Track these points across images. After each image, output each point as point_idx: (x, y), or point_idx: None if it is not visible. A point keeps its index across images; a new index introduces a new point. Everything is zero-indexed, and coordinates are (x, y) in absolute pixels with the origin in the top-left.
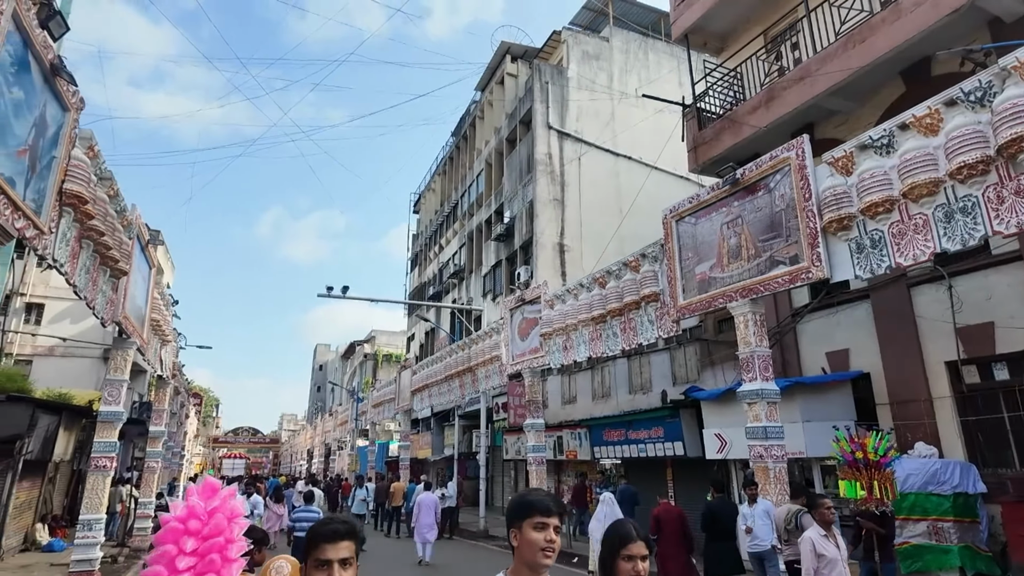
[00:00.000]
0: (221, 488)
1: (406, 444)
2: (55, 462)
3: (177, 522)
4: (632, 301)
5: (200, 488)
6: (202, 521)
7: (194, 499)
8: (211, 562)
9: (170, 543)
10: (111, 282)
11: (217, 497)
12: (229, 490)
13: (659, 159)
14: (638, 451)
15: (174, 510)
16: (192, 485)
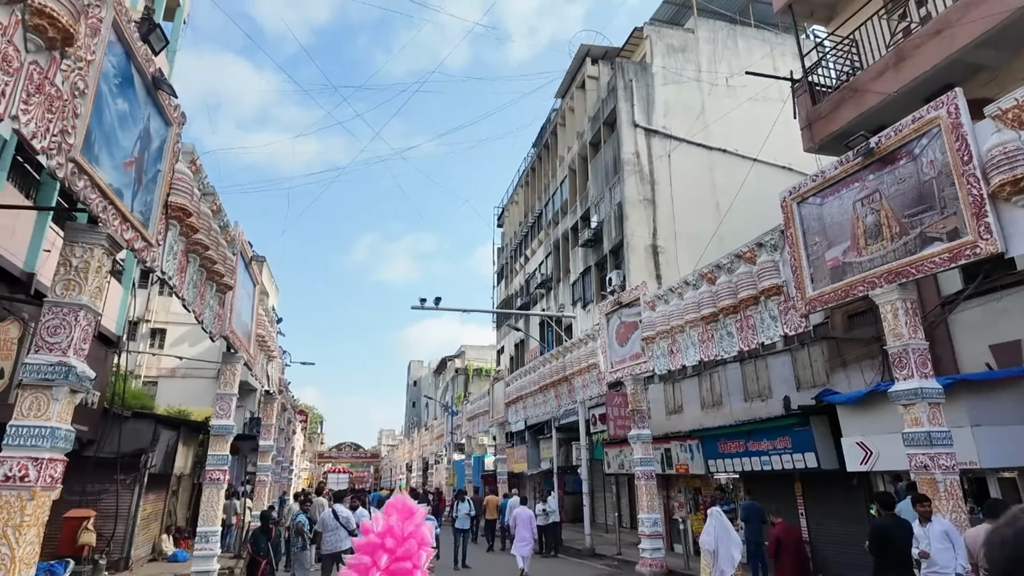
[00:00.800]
0: (416, 512)
1: (503, 457)
2: (177, 476)
3: (377, 537)
4: (749, 296)
5: (399, 507)
6: (397, 542)
7: (394, 519)
8: None
9: (367, 555)
10: (217, 297)
11: (412, 522)
12: (422, 514)
13: (760, 150)
14: (761, 464)
15: (375, 524)
16: (393, 499)
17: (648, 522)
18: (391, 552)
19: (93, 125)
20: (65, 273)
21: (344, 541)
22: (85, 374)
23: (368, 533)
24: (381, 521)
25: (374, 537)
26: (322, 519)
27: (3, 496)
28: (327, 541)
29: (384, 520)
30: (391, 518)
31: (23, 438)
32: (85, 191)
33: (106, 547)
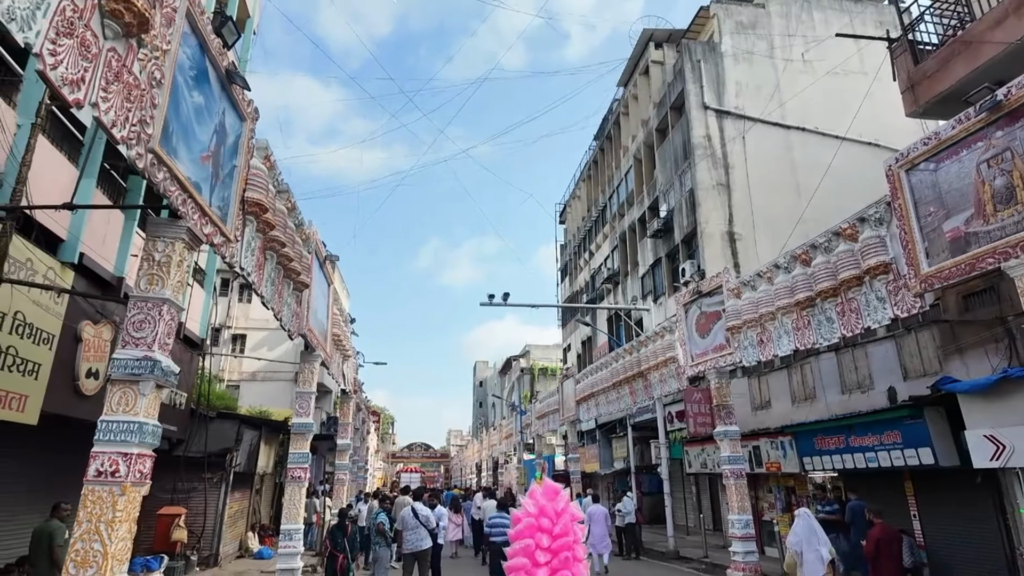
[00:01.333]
0: (561, 490)
1: (575, 457)
2: (260, 475)
3: (533, 519)
4: (851, 277)
5: (544, 490)
6: (552, 520)
7: (541, 499)
8: (566, 560)
9: (528, 538)
10: (295, 295)
11: (560, 500)
12: (565, 495)
13: (848, 127)
14: (865, 461)
15: (526, 507)
16: (534, 486)
17: (739, 523)
18: (548, 532)
19: (170, 116)
20: (148, 268)
21: (424, 540)
22: (170, 368)
23: (519, 520)
24: (531, 504)
25: (530, 519)
26: (402, 518)
27: (96, 492)
28: (407, 540)
29: (533, 502)
30: (538, 498)
31: (113, 433)
32: (165, 183)
33: (197, 543)
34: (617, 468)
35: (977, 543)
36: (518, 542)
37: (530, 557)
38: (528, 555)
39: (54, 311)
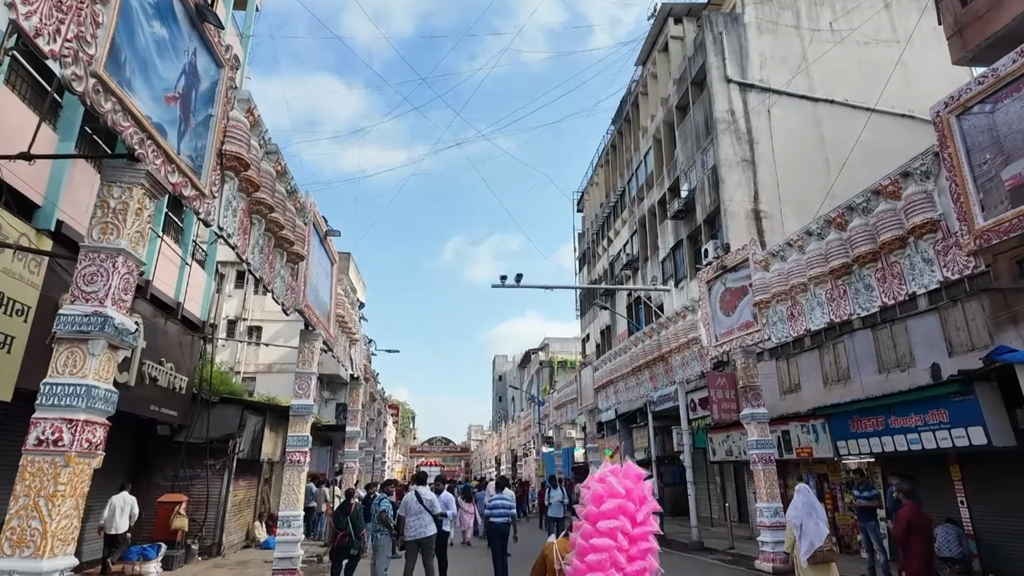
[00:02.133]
0: (643, 474)
1: (594, 446)
2: (268, 462)
3: (622, 500)
4: (893, 239)
5: (627, 472)
6: (636, 506)
7: (627, 481)
8: (645, 550)
9: (614, 519)
10: (288, 267)
11: (644, 486)
12: (648, 483)
13: (877, 99)
14: (907, 443)
15: (612, 486)
16: (607, 465)
17: (768, 512)
18: (633, 518)
19: (122, 43)
20: (102, 215)
21: (428, 526)
22: (124, 327)
23: (601, 499)
24: (617, 483)
25: (619, 500)
26: (404, 502)
27: (36, 463)
28: (410, 526)
29: (618, 482)
30: (620, 479)
31: (57, 397)
32: (115, 116)
33: (199, 532)
34: (638, 459)
35: None
36: (604, 522)
37: (615, 540)
38: (613, 538)
39: (30, 281)
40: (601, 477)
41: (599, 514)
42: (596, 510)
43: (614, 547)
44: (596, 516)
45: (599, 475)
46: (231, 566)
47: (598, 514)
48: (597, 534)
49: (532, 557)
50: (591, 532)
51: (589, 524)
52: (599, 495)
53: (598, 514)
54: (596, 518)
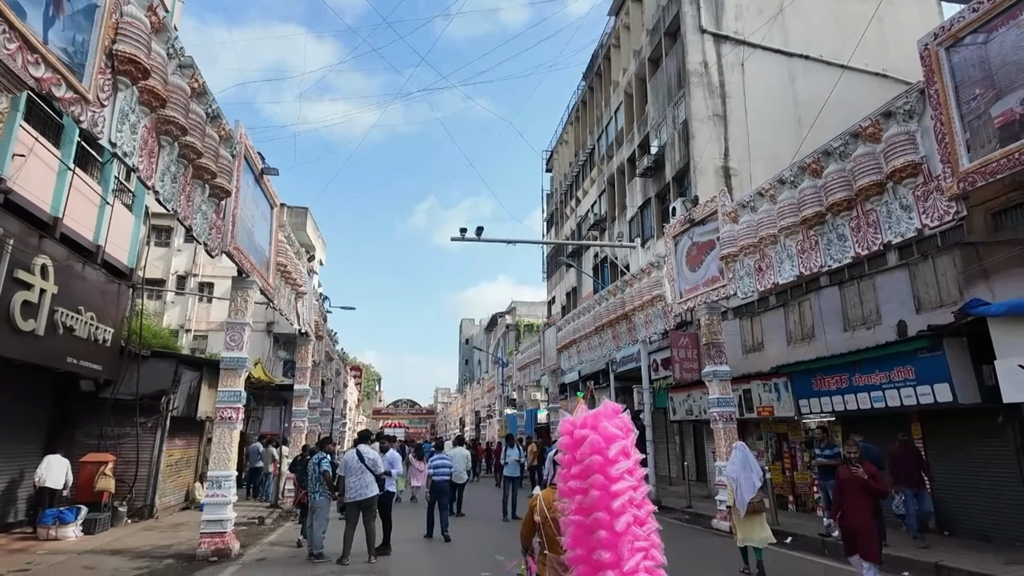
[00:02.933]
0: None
1: (556, 407)
2: (212, 420)
3: (599, 440)
4: (871, 184)
5: (606, 412)
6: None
7: (611, 422)
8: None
9: (598, 473)
10: (212, 203)
11: (627, 422)
12: (619, 409)
13: (851, 56)
14: (870, 401)
15: (604, 432)
16: (581, 406)
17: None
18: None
19: None
20: None
21: (370, 487)
22: None
23: (599, 446)
24: (609, 426)
25: (596, 439)
26: (344, 461)
27: None
28: (350, 487)
29: (611, 424)
30: (613, 422)
31: None
32: None
33: (128, 494)
34: None
35: (991, 491)
36: (616, 465)
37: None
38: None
39: None
40: (591, 423)
41: (607, 460)
42: (599, 458)
43: (630, 487)
44: (602, 463)
45: (582, 419)
46: (162, 528)
47: (603, 461)
48: (610, 480)
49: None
50: (602, 481)
51: (599, 474)
52: (597, 442)
53: (603, 461)
54: (603, 465)
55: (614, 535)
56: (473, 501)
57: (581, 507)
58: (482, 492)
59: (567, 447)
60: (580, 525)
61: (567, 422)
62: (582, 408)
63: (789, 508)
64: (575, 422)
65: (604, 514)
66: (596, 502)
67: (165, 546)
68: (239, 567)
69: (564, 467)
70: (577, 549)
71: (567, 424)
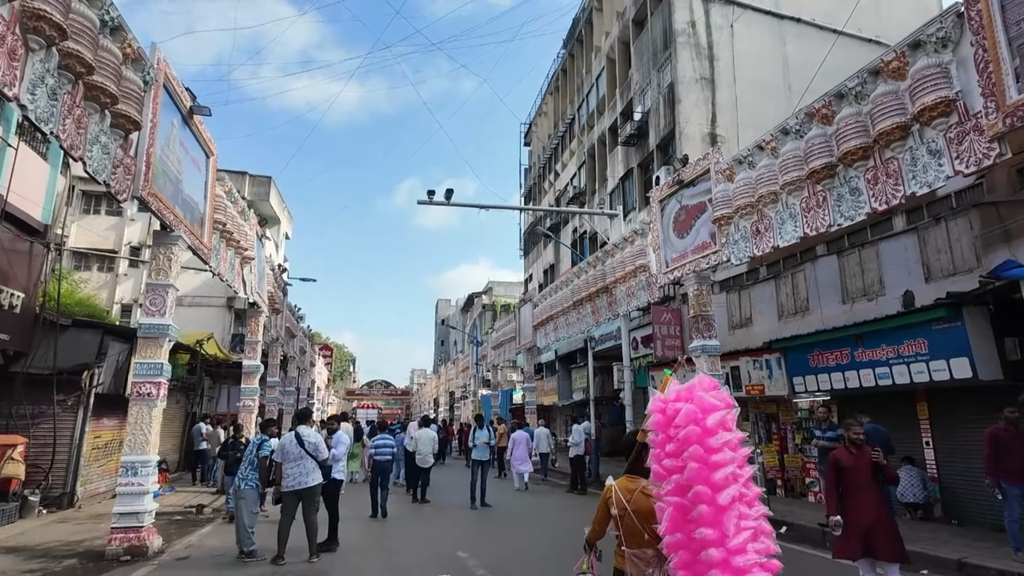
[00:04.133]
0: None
1: (532, 387)
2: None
3: (721, 411)
4: (893, 127)
5: (702, 384)
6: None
7: (708, 393)
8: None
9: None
10: (115, 136)
11: (726, 397)
12: (716, 384)
13: (846, 21)
14: (876, 378)
15: (701, 403)
16: (674, 385)
17: None
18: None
19: None
20: None
21: (310, 475)
22: None
23: (695, 417)
24: (707, 397)
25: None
26: (281, 446)
27: None
28: (288, 475)
29: (708, 395)
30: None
31: None
32: None
33: (42, 481)
34: (576, 399)
35: None
36: (716, 437)
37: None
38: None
39: None
40: (686, 395)
41: (705, 431)
42: (697, 429)
43: (734, 460)
44: (700, 434)
45: (675, 393)
46: (80, 520)
47: (702, 432)
48: (710, 452)
49: (455, 498)
50: (701, 453)
51: (698, 445)
52: (694, 412)
53: (702, 432)
54: (701, 436)
55: (717, 509)
56: (440, 486)
57: (679, 486)
58: (451, 475)
59: (659, 426)
60: (678, 507)
61: (658, 399)
62: (674, 384)
63: (778, 493)
64: (667, 398)
65: (704, 487)
66: (695, 476)
67: (74, 542)
68: (153, 568)
69: (656, 448)
70: (677, 534)
71: (658, 401)
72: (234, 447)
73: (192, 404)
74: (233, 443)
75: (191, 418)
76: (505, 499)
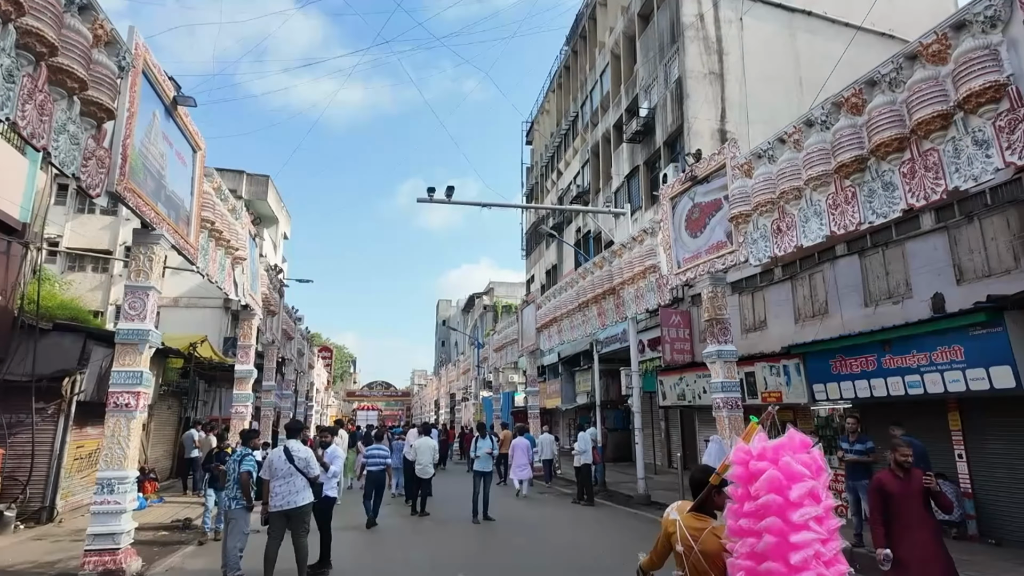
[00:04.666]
0: (810, 444)
1: (534, 390)
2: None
3: (808, 483)
4: (932, 116)
5: (791, 443)
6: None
7: (795, 457)
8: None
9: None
10: (85, 125)
11: (818, 460)
12: (809, 443)
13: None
14: (905, 387)
15: (787, 469)
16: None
17: None
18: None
19: None
20: None
21: (300, 493)
22: None
23: (779, 484)
24: (793, 463)
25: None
26: (269, 461)
27: None
28: (276, 493)
29: (794, 460)
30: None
31: None
32: None
33: (19, 494)
34: (580, 403)
35: None
36: (799, 511)
37: (815, 530)
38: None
39: None
40: (771, 455)
41: (788, 503)
42: (779, 499)
43: (817, 540)
44: (782, 506)
45: (760, 450)
46: (58, 537)
47: (783, 504)
48: (790, 528)
49: (456, 512)
50: (780, 527)
51: (777, 518)
52: (777, 480)
53: (783, 504)
54: (782, 508)
55: None
56: (440, 496)
57: (753, 553)
58: (452, 484)
59: (740, 479)
60: (750, 573)
61: (742, 451)
62: (760, 437)
63: None
64: (751, 452)
65: (780, 566)
66: (771, 551)
67: (48, 563)
68: None
69: (736, 501)
70: None
71: (741, 452)
72: (219, 458)
73: (186, 409)
74: (218, 454)
75: (185, 423)
76: (508, 511)
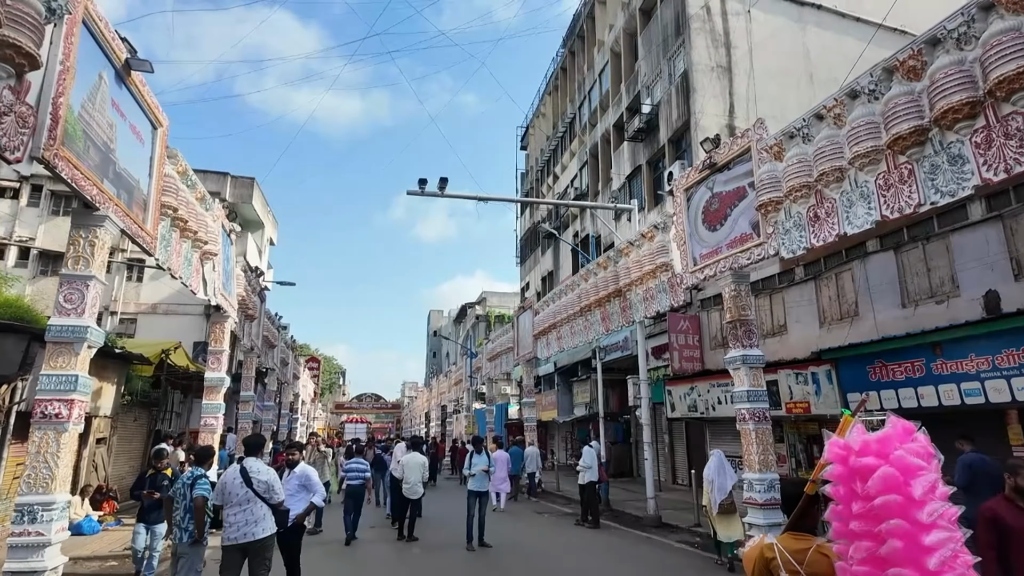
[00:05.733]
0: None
1: (530, 401)
2: (108, 418)
3: (928, 475)
4: (1016, 73)
5: (897, 432)
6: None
7: (906, 448)
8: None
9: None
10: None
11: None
12: (912, 428)
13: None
14: (961, 395)
15: (900, 462)
16: (888, 431)
17: (761, 485)
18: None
19: None
20: None
21: (260, 523)
22: None
23: (894, 481)
24: (907, 456)
25: (929, 476)
26: (221, 484)
27: None
28: (231, 523)
29: (907, 452)
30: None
31: None
32: None
33: None
34: (578, 415)
35: None
36: (924, 510)
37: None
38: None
39: None
40: (877, 449)
41: (911, 502)
42: (900, 499)
43: (951, 539)
44: (905, 505)
45: (862, 444)
46: None
47: (906, 502)
48: (919, 529)
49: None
50: (906, 529)
51: (901, 520)
52: (893, 477)
53: (906, 502)
54: (906, 508)
55: None
56: (431, 516)
57: (872, 558)
58: (443, 502)
59: (840, 478)
60: None
61: (835, 445)
62: (859, 430)
63: None
64: (850, 447)
65: (912, 572)
66: (900, 557)
67: None
68: None
69: (840, 502)
70: None
71: (836, 448)
72: (152, 483)
73: (156, 421)
74: (152, 477)
75: (155, 436)
76: (507, 536)
